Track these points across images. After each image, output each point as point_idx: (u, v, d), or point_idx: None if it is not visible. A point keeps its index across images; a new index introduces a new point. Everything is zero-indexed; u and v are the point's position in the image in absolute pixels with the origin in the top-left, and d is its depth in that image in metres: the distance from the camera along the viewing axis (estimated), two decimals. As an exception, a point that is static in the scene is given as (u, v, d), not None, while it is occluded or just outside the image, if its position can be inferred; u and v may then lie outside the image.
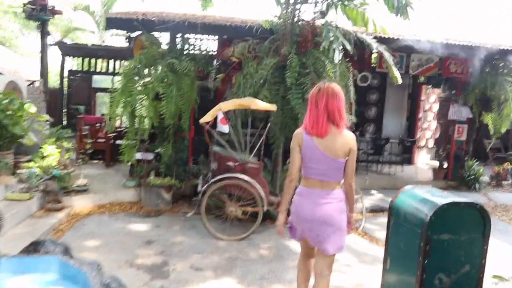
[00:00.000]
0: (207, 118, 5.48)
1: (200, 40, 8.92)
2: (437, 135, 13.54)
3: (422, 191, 3.59)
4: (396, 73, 6.74)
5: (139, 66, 6.84)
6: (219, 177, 5.46)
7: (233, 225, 5.75)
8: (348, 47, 6.06)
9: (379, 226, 6.47)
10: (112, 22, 7.49)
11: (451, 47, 8.23)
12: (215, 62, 8.46)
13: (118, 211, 6.52)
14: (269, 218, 6.38)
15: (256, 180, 5.52)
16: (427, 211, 3.16)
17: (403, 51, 8.85)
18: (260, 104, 5.60)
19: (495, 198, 8.80)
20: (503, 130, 9.45)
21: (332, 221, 2.92)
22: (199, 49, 7.91)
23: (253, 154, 5.77)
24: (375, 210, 7.48)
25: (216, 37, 8.53)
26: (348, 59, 6.76)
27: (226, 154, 5.68)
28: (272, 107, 5.74)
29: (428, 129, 13.18)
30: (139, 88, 6.77)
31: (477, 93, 9.12)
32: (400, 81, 6.82)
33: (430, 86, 11.71)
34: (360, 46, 6.48)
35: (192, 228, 5.88)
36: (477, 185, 9.29)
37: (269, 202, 5.67)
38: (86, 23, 16.17)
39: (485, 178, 9.78)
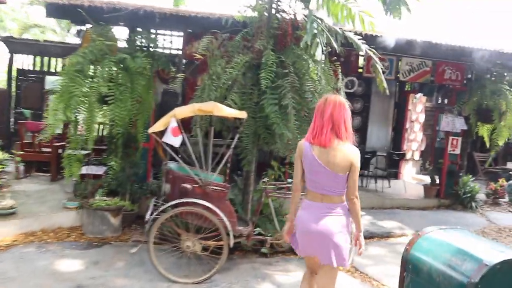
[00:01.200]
0: (157, 127, 4.32)
1: (163, 36, 7.77)
2: (423, 147, 12.67)
3: (452, 236, 2.51)
4: (384, 81, 5.74)
5: (83, 62, 5.61)
6: (172, 202, 4.29)
7: (192, 261, 4.58)
8: (335, 44, 5.01)
9: (371, 260, 5.39)
10: (53, 9, 6.25)
11: (446, 49, 7.29)
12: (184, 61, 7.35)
13: (52, 240, 5.25)
14: (239, 249, 5.24)
15: (220, 206, 4.38)
16: (470, 272, 2.08)
17: (393, 53, 7.85)
18: (226, 111, 4.48)
19: (495, 219, 7.86)
20: (501, 143, 8.55)
21: (331, 234, 2.84)
22: (159, 46, 6.75)
23: (217, 172, 4.63)
24: (364, 237, 6.39)
25: (182, 33, 7.37)
26: (333, 61, 5.73)
27: (182, 173, 4.51)
28: (241, 114, 4.63)
29: (415, 140, 12.27)
30: (84, 89, 5.56)
31: (475, 102, 8.19)
32: (387, 91, 5.85)
33: (421, 94, 10.80)
34: (346, 47, 5.42)
35: (140, 265, 4.67)
36: (473, 204, 8.36)
37: (237, 234, 4.53)
38: (47, 20, 14.78)
39: (481, 196, 8.87)
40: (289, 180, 5.22)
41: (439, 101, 9.12)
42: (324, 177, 2.85)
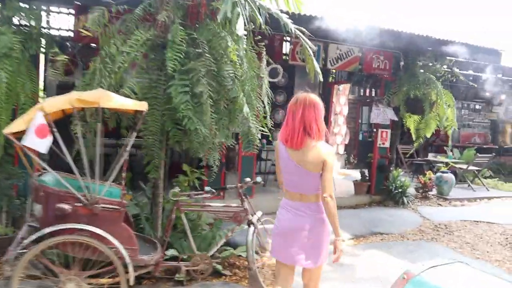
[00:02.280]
0: (17, 125, 3.07)
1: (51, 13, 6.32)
2: (347, 141, 12.29)
3: (450, 279, 1.63)
4: (317, 67, 4.97)
5: None
6: (42, 231, 3.06)
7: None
8: (260, 17, 4.05)
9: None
10: None
11: (375, 33, 6.66)
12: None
13: None
14: (148, 277, 4.12)
15: (115, 230, 3.24)
16: None
17: (320, 39, 7.10)
18: (118, 101, 3.35)
19: (428, 214, 7.44)
20: (429, 134, 8.19)
21: (307, 233, 2.84)
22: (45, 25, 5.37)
23: (109, 181, 3.47)
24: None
25: (73, 10, 5.99)
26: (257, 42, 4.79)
27: (59, 188, 3.28)
28: (140, 105, 3.51)
29: (339, 134, 11.82)
30: None
31: (404, 93, 7.71)
32: (320, 77, 5.09)
33: (344, 85, 10.28)
34: (270, 28, 4.50)
35: (5, 316, 3.38)
36: (405, 199, 7.91)
37: (140, 264, 3.42)
38: None
39: (412, 191, 8.49)
40: (207, 188, 4.19)
41: (368, 92, 8.55)
42: (299, 176, 2.84)
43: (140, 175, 5.37)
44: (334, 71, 11.02)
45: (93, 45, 5.74)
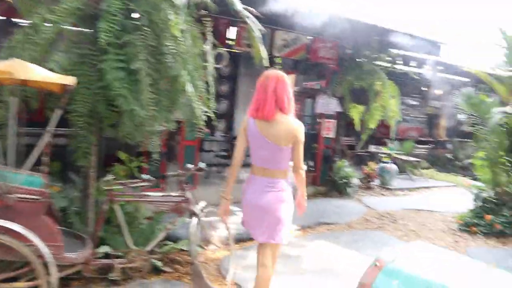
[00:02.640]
0: None
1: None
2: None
3: (423, 263, 1.42)
4: (263, 51, 4.75)
5: None
6: None
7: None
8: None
9: (254, 271, 4.26)
10: None
11: (322, 19, 6.49)
12: None
13: None
14: (78, 278, 3.66)
15: (34, 225, 2.77)
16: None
17: (267, 25, 6.83)
18: (38, 74, 2.88)
19: (372, 204, 7.44)
20: (373, 125, 8.21)
21: (271, 210, 2.88)
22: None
23: (27, 169, 2.99)
24: (242, 239, 5.27)
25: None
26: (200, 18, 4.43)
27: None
28: (67, 80, 3.05)
29: (283, 125, 11.68)
30: None
31: (349, 82, 7.65)
32: (267, 62, 4.89)
33: (295, 75, 10.10)
34: (216, 8, 4.17)
35: None
36: (349, 190, 7.87)
37: (65, 263, 2.98)
38: None
39: (356, 181, 8.48)
40: (145, 176, 3.79)
41: (314, 81, 8.43)
42: (268, 152, 2.85)
43: (72, 167, 4.85)
44: (279, 61, 10.86)
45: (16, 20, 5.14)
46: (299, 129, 2.87)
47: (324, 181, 8.16)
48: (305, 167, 2.99)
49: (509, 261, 4.86)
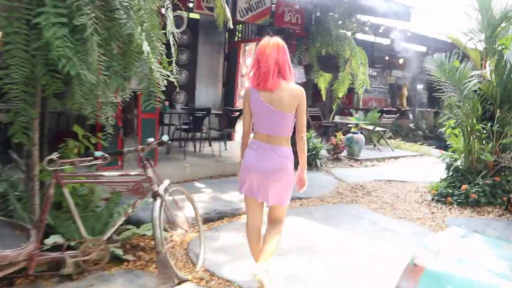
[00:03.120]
0: None
1: None
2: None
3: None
4: (227, 11, 4.25)
5: None
6: None
7: None
8: None
9: (228, 254, 3.88)
10: None
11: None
12: None
13: None
14: (22, 276, 3.14)
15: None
16: None
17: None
18: None
19: (342, 176, 7.20)
20: (341, 94, 7.90)
21: (278, 175, 2.92)
22: None
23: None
24: (211, 219, 4.86)
25: None
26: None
27: None
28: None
29: (246, 97, 11.20)
30: None
31: (318, 49, 7.24)
32: (231, 23, 4.43)
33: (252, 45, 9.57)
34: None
35: None
36: (318, 162, 7.59)
37: (3, 263, 2.47)
38: None
39: (324, 153, 8.21)
40: (98, 153, 3.26)
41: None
42: (273, 119, 2.89)
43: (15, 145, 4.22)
44: (241, 28, 10.30)
45: None
46: (302, 95, 2.92)
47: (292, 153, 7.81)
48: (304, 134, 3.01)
49: (488, 231, 4.73)
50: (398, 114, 11.37)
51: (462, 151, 6.14)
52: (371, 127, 10.02)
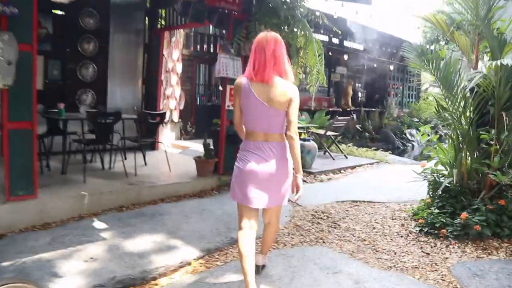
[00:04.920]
0: None
1: None
2: (182, 106, 9.95)
3: None
4: None
5: None
6: None
7: None
8: None
9: None
10: None
11: None
12: None
13: None
14: None
15: None
16: None
17: None
18: None
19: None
20: (296, 84, 6.29)
21: (278, 174, 2.83)
22: None
23: None
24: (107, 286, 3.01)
25: None
26: None
27: None
28: None
29: (172, 97, 9.36)
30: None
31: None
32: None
33: (177, 37, 7.78)
34: None
35: None
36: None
37: None
38: None
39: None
40: None
41: (206, 47, 6.19)
42: (264, 115, 2.81)
43: None
44: (164, 14, 8.43)
45: None
46: (295, 92, 2.80)
47: (230, 168, 6.09)
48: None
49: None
50: (351, 116, 10.02)
51: (451, 165, 4.75)
52: (321, 132, 8.55)
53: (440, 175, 4.84)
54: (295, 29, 5.43)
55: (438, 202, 4.61)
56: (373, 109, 14.54)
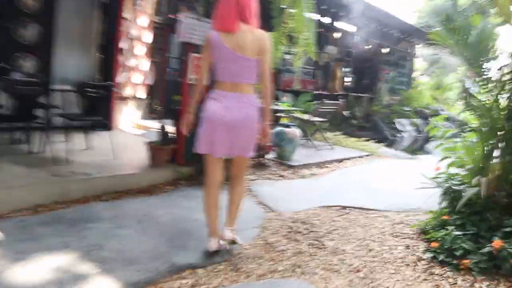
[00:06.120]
0: None
1: None
2: (151, 81, 8.68)
3: None
4: None
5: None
6: None
7: None
8: None
9: None
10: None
11: None
12: None
13: None
14: None
15: None
16: None
17: None
18: None
19: (273, 199, 4.46)
20: (279, 56, 5.09)
21: (248, 124, 2.86)
22: None
23: None
24: None
25: None
26: None
27: None
28: None
29: (137, 70, 8.06)
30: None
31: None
32: None
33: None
34: None
35: None
36: (232, 175, 4.72)
37: None
38: None
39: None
40: None
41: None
42: (235, 64, 2.80)
43: None
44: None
45: None
46: (265, 38, 2.84)
47: (191, 157, 4.84)
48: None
49: None
50: (344, 100, 8.83)
51: (476, 171, 3.60)
52: (306, 117, 7.35)
53: (459, 183, 3.70)
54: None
55: (456, 219, 3.47)
56: (362, 95, 13.38)
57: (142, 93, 8.43)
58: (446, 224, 3.50)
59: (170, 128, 5.11)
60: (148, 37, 8.25)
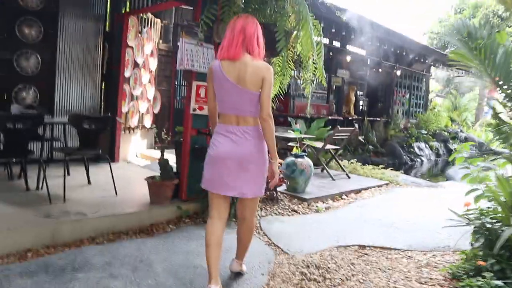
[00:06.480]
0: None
1: None
2: (157, 110, 8.45)
3: None
4: None
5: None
6: None
7: None
8: None
9: None
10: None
11: None
12: None
13: None
14: None
15: None
16: None
17: None
18: None
19: (283, 238, 4.00)
20: (286, 82, 4.77)
21: (254, 159, 2.72)
22: None
23: None
24: None
25: None
26: None
27: None
28: None
29: (143, 99, 7.84)
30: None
31: (238, 13, 4.02)
32: None
33: (161, 22, 6.25)
34: None
35: None
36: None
37: None
38: None
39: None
40: None
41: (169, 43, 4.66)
42: (235, 96, 2.70)
43: None
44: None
45: None
46: (268, 71, 2.69)
47: (195, 192, 4.49)
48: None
49: None
50: (354, 126, 8.45)
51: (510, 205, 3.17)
52: (319, 145, 6.98)
53: (494, 220, 3.27)
54: (282, 4, 3.85)
55: (494, 263, 3.03)
56: (377, 119, 12.98)
57: (148, 122, 8.19)
58: (481, 270, 3.06)
59: (173, 161, 4.79)
60: (153, 64, 8.06)
